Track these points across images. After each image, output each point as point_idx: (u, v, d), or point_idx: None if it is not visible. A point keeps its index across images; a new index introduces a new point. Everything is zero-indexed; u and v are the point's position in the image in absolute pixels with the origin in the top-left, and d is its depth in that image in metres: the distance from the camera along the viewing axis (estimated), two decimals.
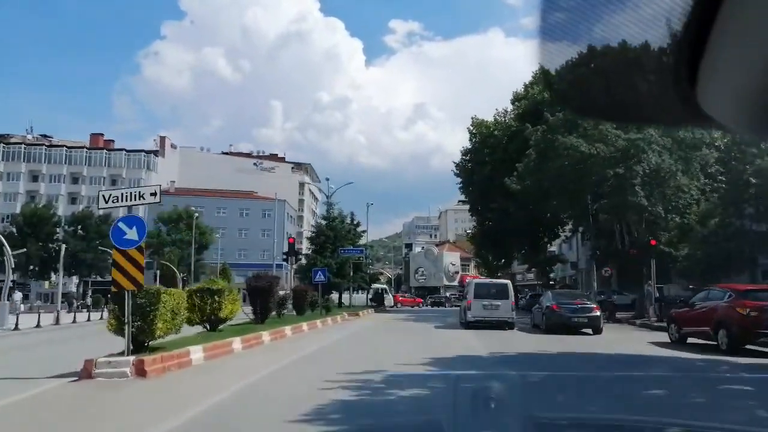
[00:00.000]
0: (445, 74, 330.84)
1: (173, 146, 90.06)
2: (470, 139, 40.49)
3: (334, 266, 32.83)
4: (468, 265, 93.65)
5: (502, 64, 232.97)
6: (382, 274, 74.98)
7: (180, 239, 64.66)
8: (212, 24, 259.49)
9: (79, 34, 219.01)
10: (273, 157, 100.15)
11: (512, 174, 32.08)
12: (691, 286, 27.00)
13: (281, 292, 20.43)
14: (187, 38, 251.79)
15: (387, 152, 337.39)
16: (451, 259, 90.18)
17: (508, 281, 22.00)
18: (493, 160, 36.73)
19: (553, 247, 50.71)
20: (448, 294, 75.50)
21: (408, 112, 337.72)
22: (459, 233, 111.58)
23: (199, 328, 13.45)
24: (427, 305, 57.72)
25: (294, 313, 23.46)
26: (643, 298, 26.05)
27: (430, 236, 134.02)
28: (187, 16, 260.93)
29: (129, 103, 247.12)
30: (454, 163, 40.96)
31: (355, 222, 42.81)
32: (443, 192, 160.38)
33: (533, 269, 55.16)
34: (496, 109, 40.29)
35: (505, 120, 39.03)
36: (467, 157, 40.48)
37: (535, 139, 28.03)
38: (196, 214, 64.49)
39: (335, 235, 35.45)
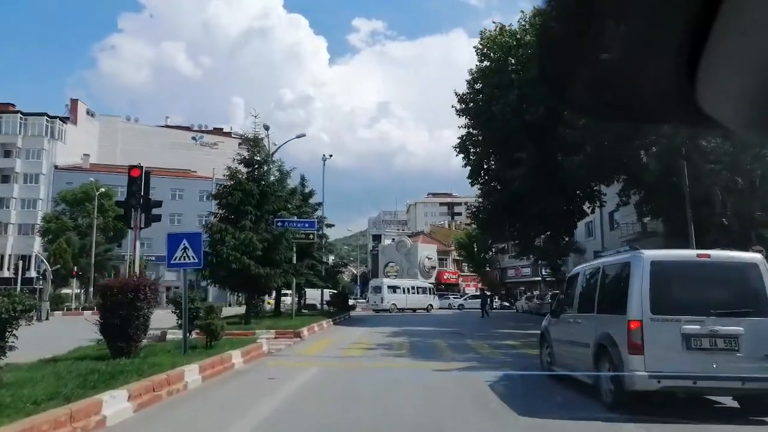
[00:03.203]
0: (408, 73, 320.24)
1: (90, 113, 73.51)
2: (480, 60, 26.32)
3: (258, 245, 18.12)
4: (445, 260, 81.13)
5: (465, 65, 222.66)
6: (346, 266, 60.45)
7: (88, 224, 51.12)
8: (172, 18, 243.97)
9: (30, 24, 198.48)
10: (217, 132, 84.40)
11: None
12: None
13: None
14: (145, 32, 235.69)
15: (350, 151, 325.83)
16: (427, 252, 76.82)
17: (758, 256, 6.80)
18: (525, 81, 22.68)
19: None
20: None
21: (372, 110, 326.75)
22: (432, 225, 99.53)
23: None
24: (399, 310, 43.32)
25: (109, 349, 8.95)
26: None
27: (399, 230, 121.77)
28: (146, 9, 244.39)
29: (84, 98, 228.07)
30: (457, 95, 26.56)
31: (307, 189, 28.38)
32: (409, 191, 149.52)
33: (541, 262, 41.51)
34: (522, 12, 26.30)
35: (537, 20, 25.03)
36: (478, 85, 26.08)
37: None
38: (102, 189, 49.29)
39: (262, 193, 20.15)
